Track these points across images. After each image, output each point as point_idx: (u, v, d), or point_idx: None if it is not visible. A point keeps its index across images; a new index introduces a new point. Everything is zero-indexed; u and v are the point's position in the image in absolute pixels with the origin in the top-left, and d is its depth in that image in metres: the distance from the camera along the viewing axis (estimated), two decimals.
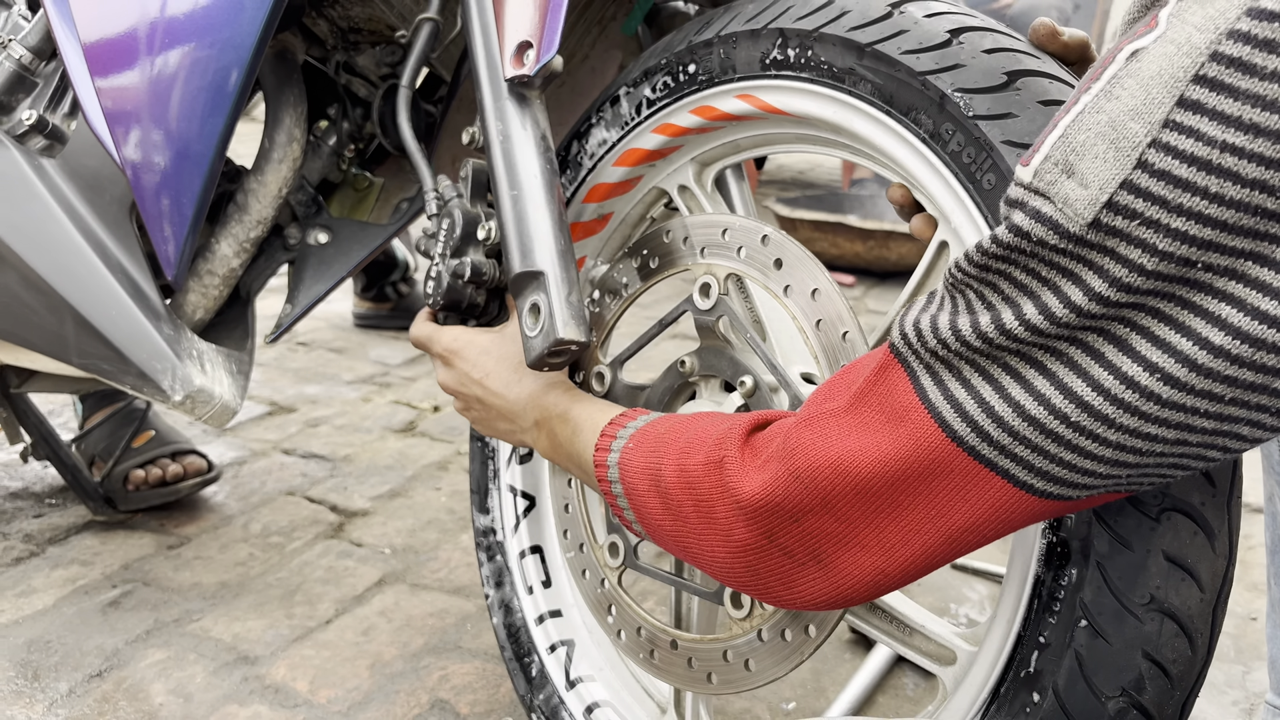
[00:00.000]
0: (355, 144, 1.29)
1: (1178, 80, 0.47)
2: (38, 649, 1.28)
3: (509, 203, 0.85)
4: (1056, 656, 0.65)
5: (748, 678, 0.83)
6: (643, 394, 0.92)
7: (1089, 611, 0.64)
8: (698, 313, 0.87)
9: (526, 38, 0.85)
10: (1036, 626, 0.67)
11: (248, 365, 1.22)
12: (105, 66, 1.03)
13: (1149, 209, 0.47)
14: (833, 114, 0.80)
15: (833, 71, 0.78)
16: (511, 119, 0.86)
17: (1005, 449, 0.54)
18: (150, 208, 1.05)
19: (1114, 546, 0.63)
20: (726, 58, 0.86)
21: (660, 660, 0.91)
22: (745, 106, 0.87)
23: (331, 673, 1.25)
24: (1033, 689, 0.66)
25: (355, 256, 1.24)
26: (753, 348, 0.83)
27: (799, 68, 0.81)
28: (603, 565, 0.97)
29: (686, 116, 0.91)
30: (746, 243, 0.84)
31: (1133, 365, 0.50)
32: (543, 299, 0.82)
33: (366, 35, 1.20)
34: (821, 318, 0.78)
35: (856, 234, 3.36)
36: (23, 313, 1.11)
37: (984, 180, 0.69)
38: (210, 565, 1.50)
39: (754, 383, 0.83)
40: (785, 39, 0.81)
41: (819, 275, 0.78)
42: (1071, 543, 0.65)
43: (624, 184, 1.00)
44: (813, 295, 0.79)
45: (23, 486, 1.73)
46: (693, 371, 0.88)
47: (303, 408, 2.14)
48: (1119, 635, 0.63)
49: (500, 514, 1.12)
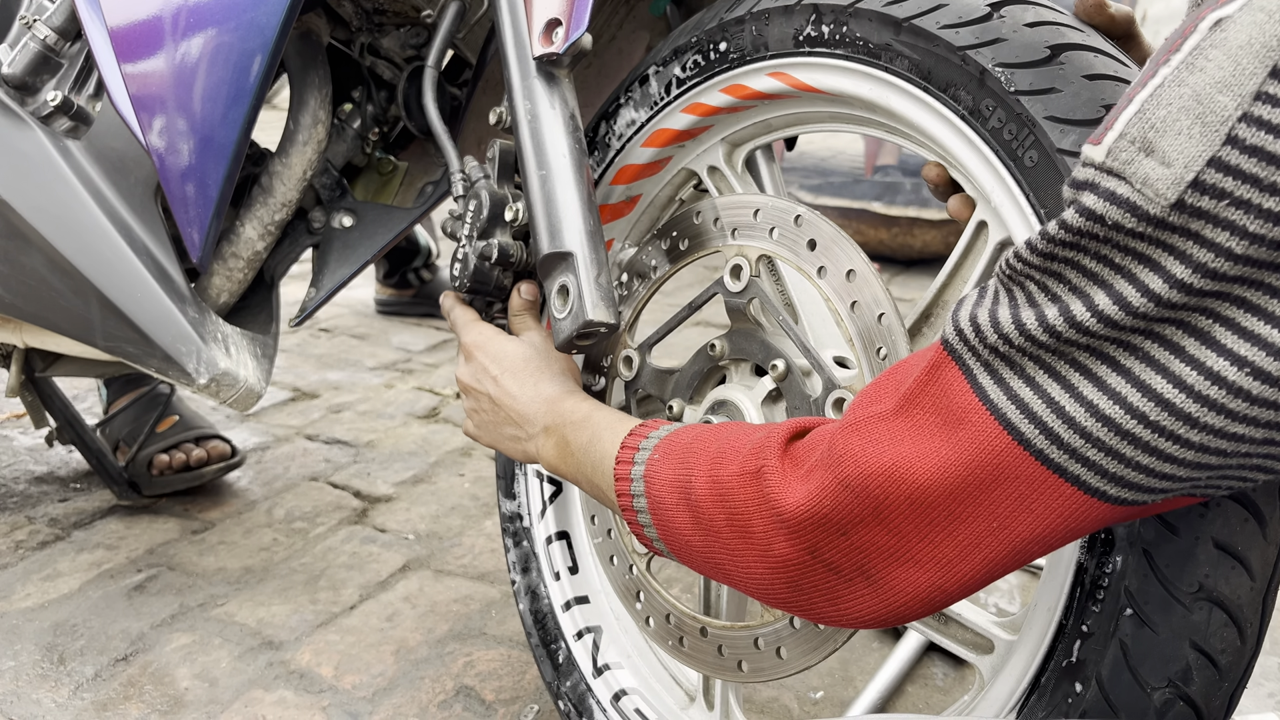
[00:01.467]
0: (380, 127, 1.28)
1: (1270, 49, 0.44)
2: (64, 633, 1.28)
3: (537, 183, 0.83)
4: (1100, 646, 0.63)
5: (779, 665, 0.82)
6: (671, 378, 0.91)
7: (1135, 600, 0.62)
8: (728, 295, 0.85)
9: (555, 15, 0.83)
10: (1080, 615, 0.65)
11: (272, 349, 1.22)
12: (131, 48, 1.02)
13: (1239, 188, 0.44)
14: (868, 91, 0.78)
15: (869, 47, 0.76)
16: (540, 98, 0.85)
17: (1077, 452, 0.51)
18: (175, 190, 1.04)
19: (1161, 533, 0.61)
20: (759, 35, 0.85)
21: (690, 648, 0.90)
22: (778, 85, 0.85)
23: (356, 658, 1.24)
24: (1075, 679, 0.65)
25: (380, 240, 1.23)
26: (785, 330, 0.82)
27: (833, 44, 0.79)
28: (630, 551, 0.95)
29: (717, 95, 0.90)
30: (779, 223, 0.82)
31: (1218, 359, 0.46)
32: (571, 280, 0.81)
33: (391, 17, 1.19)
34: (857, 300, 0.76)
35: (880, 221, 3.33)
36: (49, 295, 1.10)
37: (1026, 158, 0.68)
38: (234, 550, 1.50)
39: (786, 366, 0.81)
40: (820, 14, 0.80)
41: (855, 256, 0.77)
42: (1117, 530, 0.63)
43: (653, 165, 0.99)
44: (848, 276, 0.77)
45: (48, 471, 1.74)
46: (723, 355, 0.87)
47: (326, 394, 2.14)
48: (1166, 624, 0.61)
49: (527, 499, 1.11)
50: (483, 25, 1.16)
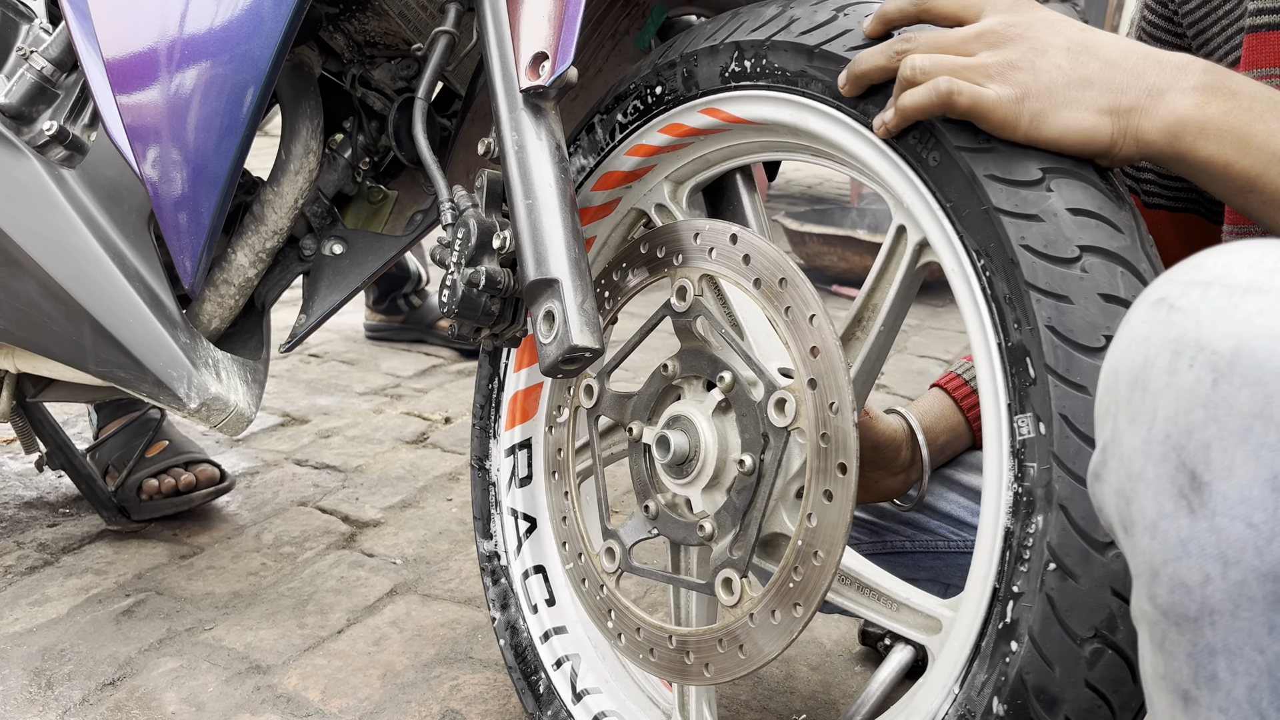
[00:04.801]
0: (370, 156, 1.30)
1: None
2: (52, 657, 1.28)
3: (524, 212, 0.86)
4: (1030, 604, 0.66)
5: (742, 662, 0.84)
6: (630, 401, 0.94)
7: (1056, 554, 0.65)
8: (675, 315, 0.89)
9: (542, 49, 0.86)
10: (1010, 578, 0.68)
11: (262, 374, 1.23)
12: (126, 79, 1.04)
13: None
14: (789, 115, 0.85)
15: (786, 75, 0.83)
16: (527, 129, 0.87)
17: None
18: (168, 218, 1.06)
19: (1074, 488, 0.64)
20: (689, 75, 0.92)
21: (659, 657, 0.92)
22: (710, 120, 0.92)
23: (343, 682, 1.25)
24: (1010, 638, 0.67)
25: (370, 268, 1.25)
26: (729, 343, 0.86)
27: (756, 76, 0.86)
28: (600, 571, 0.97)
29: (657, 135, 0.96)
30: (717, 243, 0.87)
31: None
32: (557, 306, 0.83)
33: (382, 49, 1.22)
34: (790, 305, 0.81)
35: (865, 248, 3.37)
36: (42, 321, 1.12)
37: (929, 158, 0.74)
38: (223, 575, 1.50)
39: (732, 377, 0.85)
40: (741, 51, 0.87)
41: (785, 265, 0.82)
42: (1036, 491, 0.66)
43: (605, 208, 1.05)
44: (780, 284, 0.81)
45: (38, 496, 1.74)
46: (675, 374, 0.91)
47: (315, 419, 2.15)
48: (1087, 574, 0.64)
49: (503, 538, 1.14)
50: (472, 58, 1.19)
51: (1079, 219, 0.68)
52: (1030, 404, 0.68)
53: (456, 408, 2.26)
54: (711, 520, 0.86)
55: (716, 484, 0.88)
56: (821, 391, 0.78)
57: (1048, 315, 0.67)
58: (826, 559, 0.77)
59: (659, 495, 0.92)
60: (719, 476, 0.87)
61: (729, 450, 0.87)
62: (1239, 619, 0.44)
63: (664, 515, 0.91)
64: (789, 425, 0.80)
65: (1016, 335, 0.69)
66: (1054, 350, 0.66)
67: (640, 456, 0.94)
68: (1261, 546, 0.42)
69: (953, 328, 3.12)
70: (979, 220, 0.71)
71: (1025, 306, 0.68)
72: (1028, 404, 0.68)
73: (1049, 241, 0.67)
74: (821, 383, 0.78)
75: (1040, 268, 0.67)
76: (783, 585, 0.80)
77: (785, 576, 0.80)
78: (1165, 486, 0.46)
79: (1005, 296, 0.69)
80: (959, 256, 0.73)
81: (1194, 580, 0.45)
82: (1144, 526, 0.47)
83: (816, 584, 0.78)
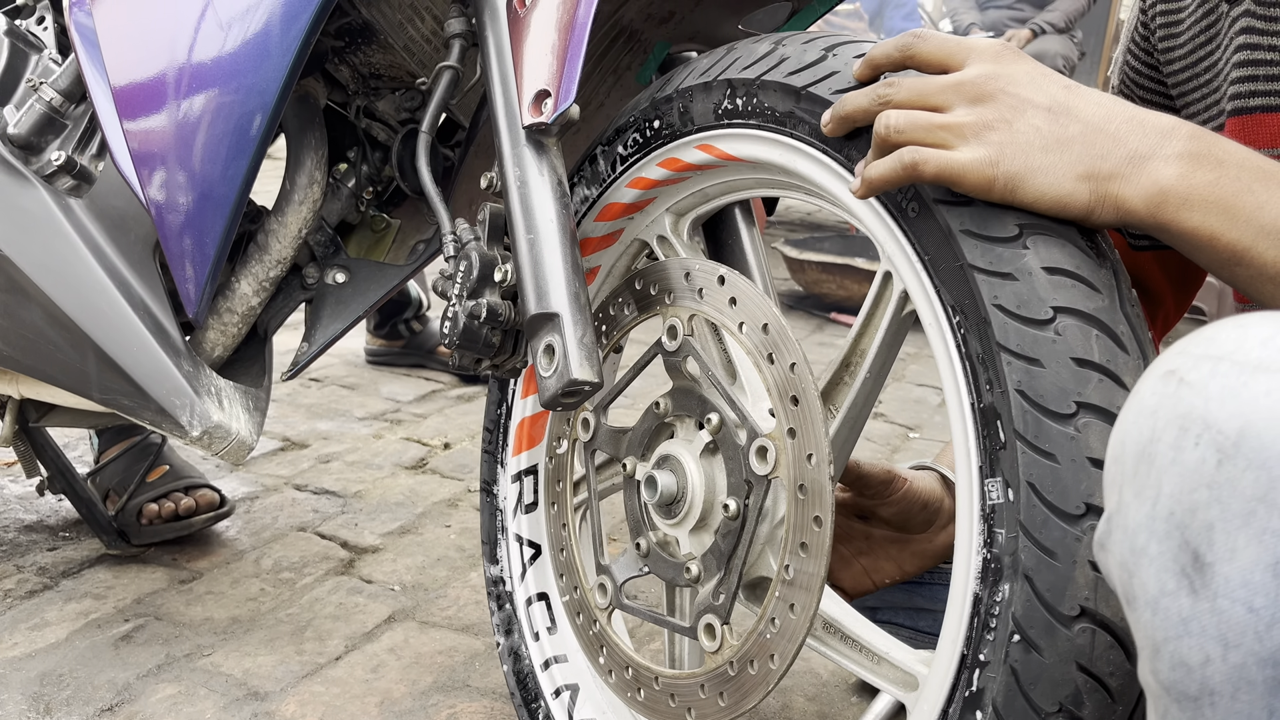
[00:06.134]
0: (374, 186, 1.32)
1: None
2: (50, 682, 1.28)
3: (525, 246, 0.87)
4: (995, 673, 0.65)
5: (720, 711, 0.84)
6: (625, 437, 0.95)
7: (1020, 626, 0.63)
8: (666, 354, 0.90)
9: (544, 86, 0.87)
10: (977, 645, 0.67)
11: (264, 402, 1.24)
12: (134, 110, 1.06)
13: None
14: (778, 156, 0.84)
15: (775, 116, 0.83)
16: (529, 165, 0.89)
17: None
18: (174, 247, 1.07)
19: (1040, 559, 0.63)
20: (685, 111, 0.92)
21: (646, 698, 0.92)
22: (705, 156, 0.92)
23: (341, 710, 1.25)
24: (976, 708, 0.66)
25: (372, 296, 1.27)
26: (714, 384, 0.86)
27: (747, 115, 0.86)
28: (593, 606, 0.98)
29: (656, 169, 0.97)
30: (705, 284, 0.87)
31: None
32: (557, 340, 0.84)
33: (387, 81, 1.23)
34: (772, 351, 0.81)
35: (865, 276, 3.38)
36: (46, 348, 1.13)
37: (909, 209, 0.73)
38: (222, 600, 1.51)
39: (720, 419, 0.85)
40: (734, 89, 0.87)
41: (769, 311, 0.82)
42: (1003, 559, 0.65)
43: (607, 238, 1.06)
44: (763, 330, 0.81)
45: (38, 519, 1.74)
46: (667, 412, 0.91)
47: (315, 444, 2.16)
48: (1052, 649, 0.62)
49: (509, 563, 1.14)
50: (476, 91, 1.20)
51: (1055, 278, 0.66)
52: (1000, 468, 0.66)
53: (456, 433, 2.27)
54: (698, 562, 0.86)
55: (704, 525, 0.87)
56: (800, 441, 0.77)
57: (1018, 379, 0.65)
58: (803, 610, 0.77)
59: (650, 533, 0.92)
60: (706, 518, 0.87)
61: (716, 493, 0.87)
62: (1238, 701, 0.44)
63: (655, 554, 0.91)
64: (769, 474, 0.80)
65: (988, 396, 0.67)
66: (1023, 415, 0.64)
67: (634, 492, 0.94)
68: (1262, 632, 0.42)
69: None
70: (954, 276, 0.69)
71: (996, 368, 0.66)
72: (998, 468, 0.66)
73: (1022, 301, 0.65)
74: (800, 433, 0.78)
75: (1012, 328, 0.65)
76: (760, 635, 0.80)
77: (763, 627, 0.80)
78: (1168, 564, 0.46)
79: (978, 355, 0.68)
80: (935, 311, 0.72)
81: (1195, 660, 0.45)
82: (1146, 602, 0.47)
83: (794, 635, 0.78)
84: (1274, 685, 0.42)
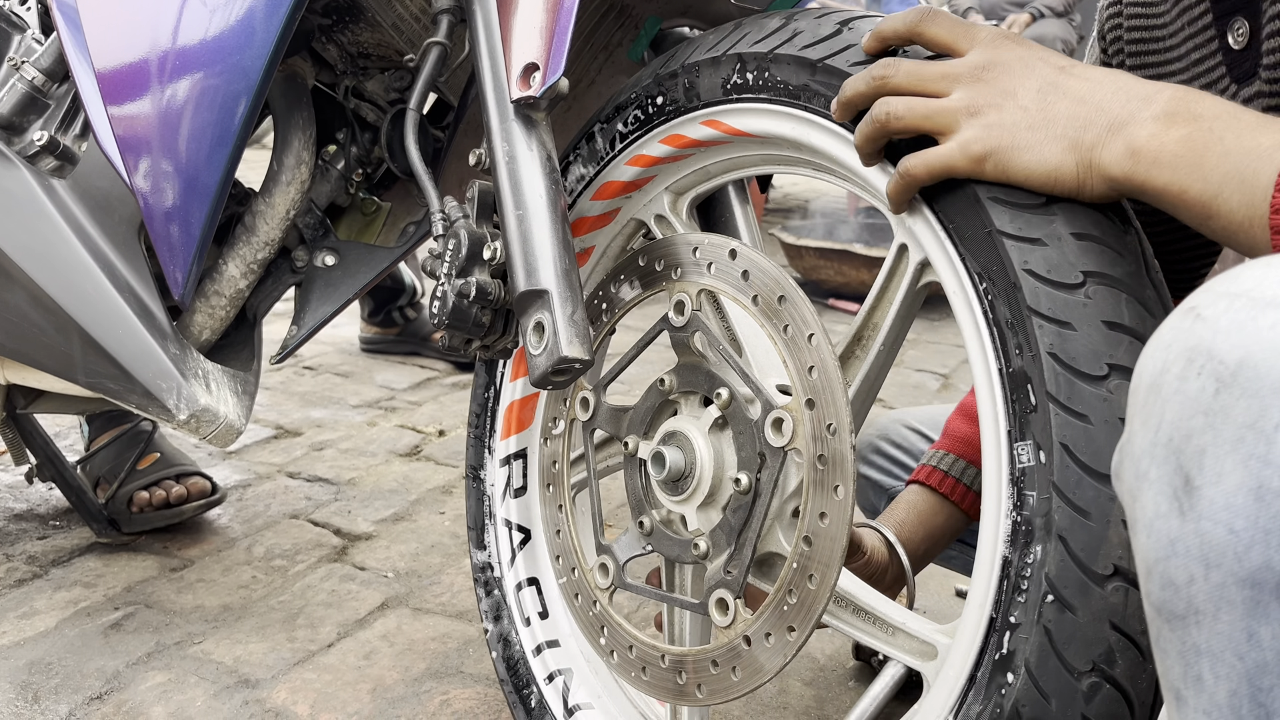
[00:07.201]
0: (363, 168, 1.30)
1: None
2: (39, 671, 1.27)
3: (514, 222, 0.85)
4: (1027, 635, 0.65)
5: (735, 685, 0.83)
6: (626, 415, 0.93)
7: (1054, 586, 0.64)
8: (673, 330, 0.88)
9: (533, 60, 0.86)
10: (1007, 608, 0.67)
11: (253, 386, 1.22)
12: (117, 89, 1.04)
13: None
14: (791, 130, 0.84)
15: (789, 89, 0.82)
16: (517, 140, 0.87)
17: None
18: (159, 229, 1.06)
19: (1074, 519, 0.63)
20: (691, 86, 0.91)
21: (652, 676, 0.91)
22: (711, 132, 0.91)
23: (333, 696, 1.24)
24: (1006, 670, 0.66)
25: (362, 279, 1.25)
26: (726, 359, 0.85)
27: (758, 89, 0.85)
28: (593, 587, 0.97)
29: (657, 146, 0.95)
30: (715, 258, 0.86)
31: None
32: (547, 317, 0.82)
33: (375, 60, 1.22)
34: (788, 323, 0.80)
35: (862, 261, 3.37)
36: (31, 332, 1.11)
37: None
38: (213, 588, 1.49)
39: (729, 394, 0.84)
40: (744, 63, 0.86)
41: (784, 282, 0.81)
42: (1035, 520, 0.65)
43: (603, 217, 1.04)
44: (779, 301, 0.80)
45: (27, 508, 1.73)
46: (672, 389, 0.90)
47: (308, 431, 2.15)
48: (1085, 607, 0.63)
49: (497, 549, 1.13)
50: (464, 69, 1.18)
51: (1083, 244, 0.66)
52: (1031, 431, 0.66)
53: (450, 420, 2.25)
54: (706, 539, 0.85)
55: (712, 502, 0.86)
56: (819, 412, 0.77)
57: (1050, 341, 0.65)
58: (822, 581, 0.76)
59: (654, 511, 0.91)
60: (714, 494, 0.86)
61: (725, 468, 0.86)
62: (1220, 621, 0.45)
63: (658, 532, 0.90)
64: (786, 445, 0.79)
65: (1018, 361, 0.67)
66: (1055, 378, 0.65)
67: (635, 471, 0.93)
68: (1241, 553, 0.44)
69: (949, 341, 3.12)
70: (981, 242, 0.70)
71: (1027, 332, 0.67)
72: (1028, 431, 0.67)
73: (1052, 266, 0.66)
74: (819, 403, 0.77)
75: (1043, 293, 0.66)
76: (778, 607, 0.79)
77: (780, 599, 0.79)
78: (1163, 487, 0.47)
79: (1007, 321, 0.68)
80: (960, 278, 0.72)
81: (1180, 579, 0.46)
82: (1143, 525, 0.48)
83: (812, 607, 0.77)
84: (1252, 606, 0.44)
